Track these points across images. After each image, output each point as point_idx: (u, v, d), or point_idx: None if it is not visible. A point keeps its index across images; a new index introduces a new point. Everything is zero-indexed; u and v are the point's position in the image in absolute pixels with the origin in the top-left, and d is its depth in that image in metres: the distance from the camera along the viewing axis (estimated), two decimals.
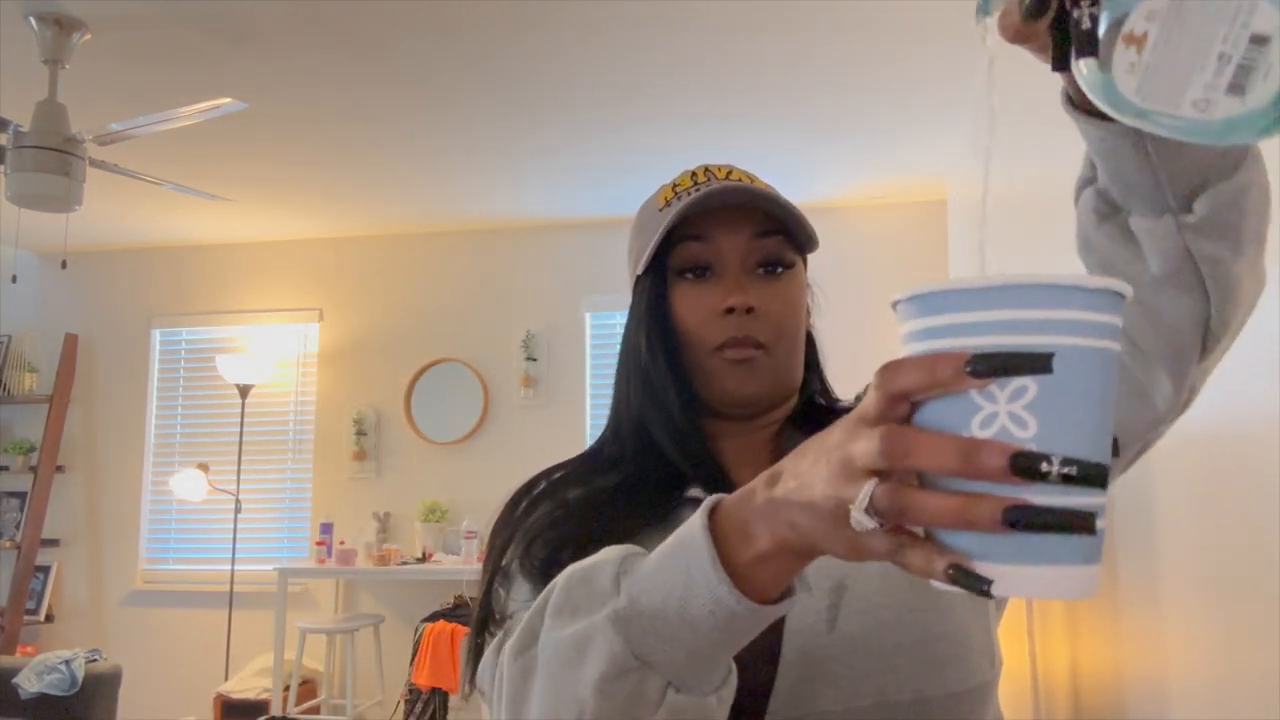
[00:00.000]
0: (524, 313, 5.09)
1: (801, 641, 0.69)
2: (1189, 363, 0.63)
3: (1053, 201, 2.13)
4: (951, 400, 0.40)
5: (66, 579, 5.28)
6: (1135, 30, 0.42)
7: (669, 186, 0.85)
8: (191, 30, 2.89)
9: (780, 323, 0.80)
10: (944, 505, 0.40)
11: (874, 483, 0.42)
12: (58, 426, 5.23)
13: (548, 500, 0.80)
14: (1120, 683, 1.85)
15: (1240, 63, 0.40)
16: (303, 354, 5.31)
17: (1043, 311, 0.39)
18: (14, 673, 3.52)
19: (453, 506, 4.95)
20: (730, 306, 0.78)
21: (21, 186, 2.83)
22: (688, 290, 0.80)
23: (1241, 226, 0.58)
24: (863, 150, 4.06)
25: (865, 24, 2.90)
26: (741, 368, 0.78)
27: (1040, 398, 0.39)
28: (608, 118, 3.66)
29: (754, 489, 0.50)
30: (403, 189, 4.54)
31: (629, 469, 0.80)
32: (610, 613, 0.53)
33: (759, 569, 0.50)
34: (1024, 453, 0.38)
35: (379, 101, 3.48)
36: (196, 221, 4.95)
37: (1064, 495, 0.39)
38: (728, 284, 0.79)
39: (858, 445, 0.43)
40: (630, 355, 0.84)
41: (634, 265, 0.86)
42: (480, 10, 2.80)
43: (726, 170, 0.84)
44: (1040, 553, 0.39)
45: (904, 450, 0.40)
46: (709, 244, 0.80)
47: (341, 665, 4.93)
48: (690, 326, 0.80)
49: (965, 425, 0.40)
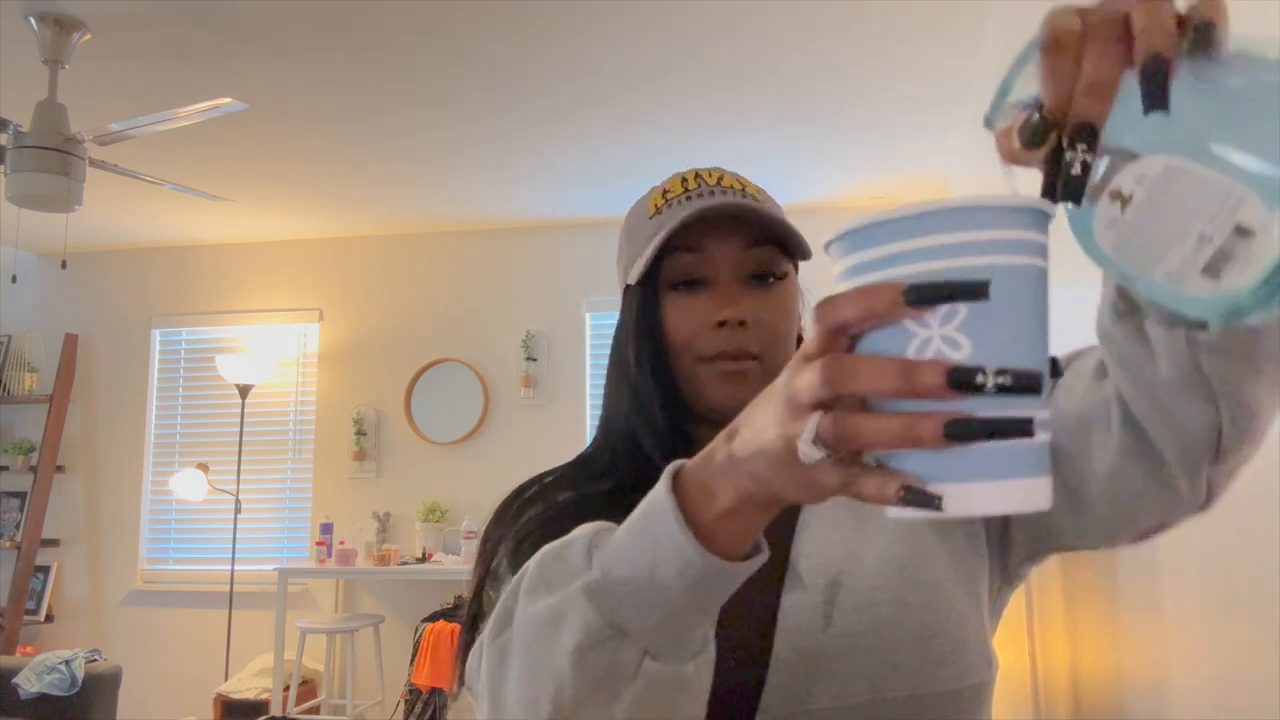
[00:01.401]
0: (524, 313, 5.09)
1: (796, 638, 0.69)
2: (1200, 465, 0.62)
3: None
4: (887, 330, 0.41)
5: (66, 579, 5.28)
6: (1123, 189, 0.42)
7: (658, 192, 0.84)
8: (191, 30, 2.89)
9: (773, 332, 0.80)
10: (888, 425, 0.40)
11: (819, 415, 0.42)
12: (58, 426, 5.23)
13: (538, 503, 0.80)
14: (1120, 683, 1.85)
15: (1220, 248, 0.40)
16: (303, 354, 5.31)
17: (968, 234, 0.40)
18: (14, 673, 3.52)
19: (453, 506, 4.95)
20: (723, 320, 0.78)
21: (21, 186, 2.83)
22: (680, 302, 0.80)
23: (1257, 347, 0.56)
24: (863, 150, 4.06)
25: (865, 24, 2.90)
26: (733, 379, 0.79)
27: (971, 319, 0.40)
28: (608, 118, 3.66)
29: (714, 448, 0.51)
30: (403, 189, 4.54)
31: (621, 476, 0.80)
32: (583, 584, 0.53)
33: (724, 525, 0.50)
34: (959, 367, 0.39)
35: (379, 101, 3.48)
36: (196, 221, 4.95)
37: (1002, 407, 0.39)
38: (720, 296, 0.79)
39: (800, 380, 0.43)
40: (619, 366, 0.83)
41: (624, 271, 0.85)
42: (479, 10, 2.80)
43: (717, 176, 0.83)
44: (988, 467, 0.40)
45: (844, 376, 0.41)
46: (701, 256, 0.80)
47: (341, 665, 4.93)
48: (682, 337, 0.80)
49: (902, 352, 0.41)
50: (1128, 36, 0.42)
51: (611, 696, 0.53)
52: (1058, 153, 0.44)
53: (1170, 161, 0.41)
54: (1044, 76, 0.43)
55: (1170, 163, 0.41)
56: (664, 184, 0.85)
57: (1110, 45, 0.42)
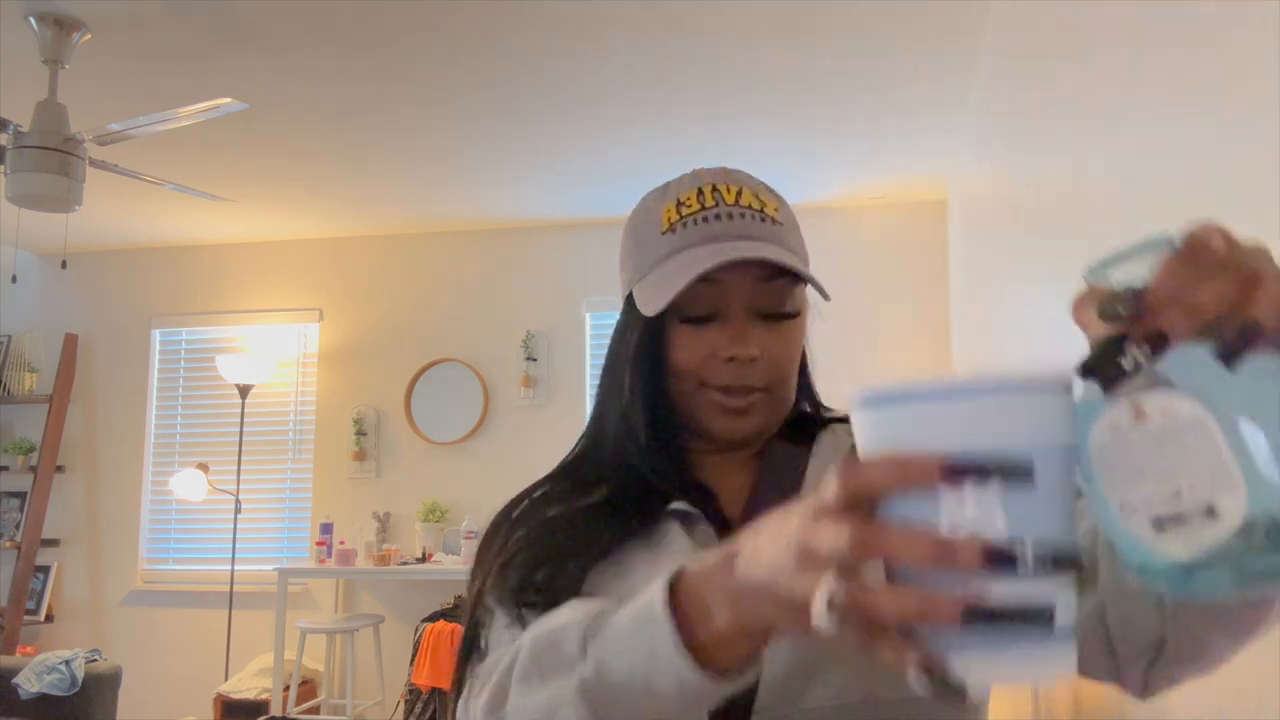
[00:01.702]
0: (524, 313, 5.09)
1: (792, 638, 0.69)
2: (1140, 662, 0.63)
3: (1051, 202, 2.13)
4: (916, 497, 0.41)
5: (66, 579, 5.28)
6: (1146, 408, 0.42)
7: (671, 205, 0.79)
8: (191, 30, 2.89)
9: (780, 367, 0.79)
10: (905, 603, 0.40)
11: (832, 581, 0.42)
12: (58, 426, 5.23)
13: (526, 522, 0.79)
14: None
15: (1180, 512, 0.41)
16: (303, 354, 5.31)
17: (1002, 411, 0.41)
18: (14, 673, 3.52)
19: (453, 506, 4.95)
20: (733, 356, 0.76)
21: (21, 186, 2.83)
22: (688, 333, 0.77)
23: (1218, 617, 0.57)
24: (863, 150, 4.06)
25: (865, 24, 2.90)
26: (734, 414, 0.78)
27: (1005, 494, 0.40)
28: (608, 118, 3.66)
29: (714, 567, 0.51)
30: (403, 189, 4.54)
31: (611, 487, 0.79)
32: (578, 682, 0.54)
33: (720, 647, 0.50)
34: (998, 545, 0.39)
35: (379, 101, 3.48)
36: (196, 221, 4.95)
37: (1035, 582, 0.40)
38: (731, 331, 0.76)
39: (821, 536, 0.42)
40: (613, 387, 0.81)
41: (627, 279, 0.82)
42: (479, 10, 2.80)
43: (735, 191, 0.79)
44: (1010, 637, 0.40)
45: (874, 545, 0.41)
46: (717, 287, 0.76)
47: (341, 665, 4.93)
48: (687, 366, 0.78)
49: (931, 520, 0.41)
50: (1250, 288, 0.41)
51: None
52: (1120, 340, 0.44)
53: (1200, 413, 0.41)
54: (1164, 272, 0.43)
55: (1200, 414, 0.41)
56: (677, 192, 0.80)
57: (1233, 285, 0.41)
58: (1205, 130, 1.16)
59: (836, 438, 0.82)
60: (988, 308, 3.36)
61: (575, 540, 0.74)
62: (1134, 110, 1.46)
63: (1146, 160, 1.41)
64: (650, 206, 0.82)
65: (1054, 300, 2.16)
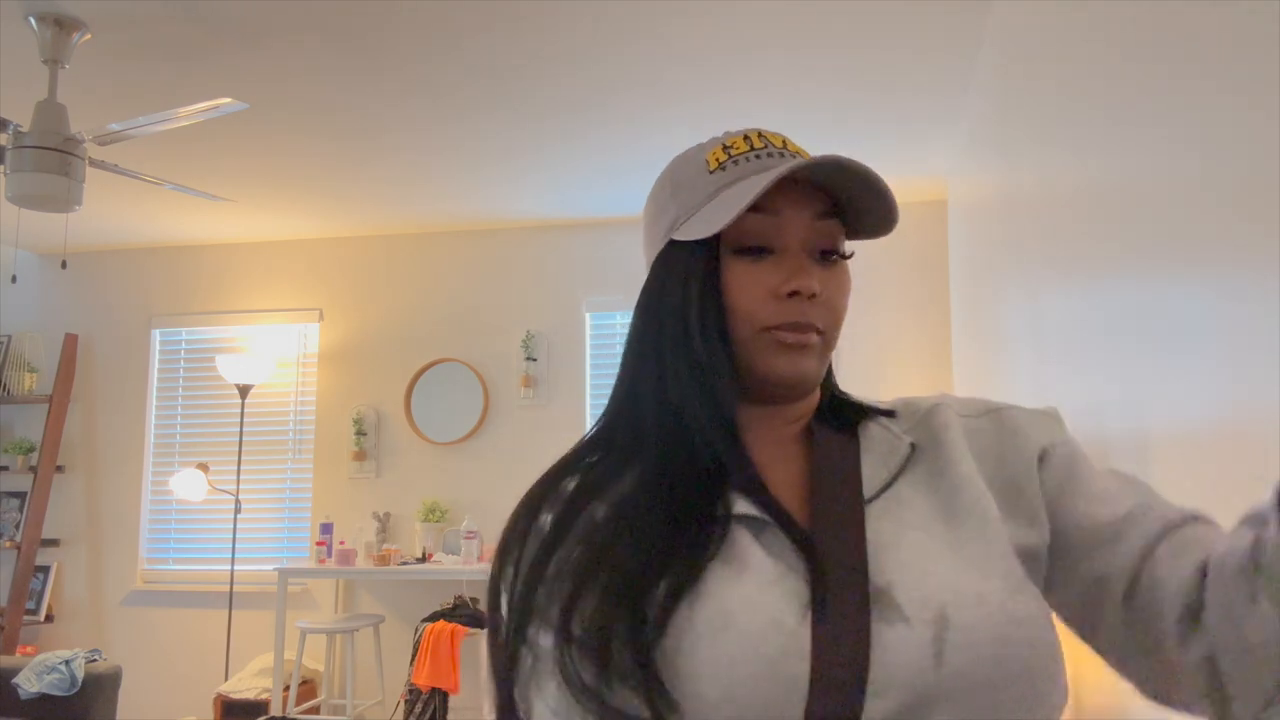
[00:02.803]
0: (524, 313, 5.09)
1: (905, 675, 0.63)
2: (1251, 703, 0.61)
3: (1052, 202, 2.13)
4: None
5: (66, 579, 5.28)
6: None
7: (719, 147, 0.78)
8: (191, 30, 2.89)
9: (837, 310, 0.76)
10: None
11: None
12: (58, 426, 5.23)
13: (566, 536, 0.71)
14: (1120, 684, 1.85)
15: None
16: (303, 354, 5.31)
17: None
18: (14, 673, 3.52)
19: (453, 506, 4.95)
20: (795, 290, 0.73)
21: (21, 186, 2.82)
22: (744, 267, 0.74)
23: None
24: (863, 150, 4.05)
25: (865, 25, 2.90)
26: (795, 350, 0.74)
27: None
28: (607, 118, 3.66)
29: None
30: (403, 189, 4.54)
31: (649, 464, 0.73)
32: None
33: None
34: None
35: (379, 101, 3.48)
36: (196, 221, 4.95)
37: None
38: (790, 265, 0.74)
39: None
40: (666, 333, 0.75)
41: (665, 228, 0.78)
42: (479, 11, 2.80)
43: (782, 140, 0.78)
44: None
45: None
46: (774, 219, 0.73)
47: (341, 665, 4.93)
48: (743, 305, 0.73)
49: None
50: None
51: None
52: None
53: None
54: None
55: None
56: (722, 139, 0.79)
57: None
58: (1205, 132, 1.16)
59: (884, 431, 0.78)
60: (987, 308, 3.36)
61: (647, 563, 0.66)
62: (1134, 110, 1.46)
63: (1146, 160, 1.41)
64: (688, 158, 0.79)
65: (1054, 300, 2.16)
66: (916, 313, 4.64)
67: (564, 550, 0.70)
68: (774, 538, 0.69)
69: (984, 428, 0.78)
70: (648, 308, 0.77)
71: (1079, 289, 1.91)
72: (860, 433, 0.78)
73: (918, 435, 0.78)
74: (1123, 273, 1.58)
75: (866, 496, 0.73)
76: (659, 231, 0.79)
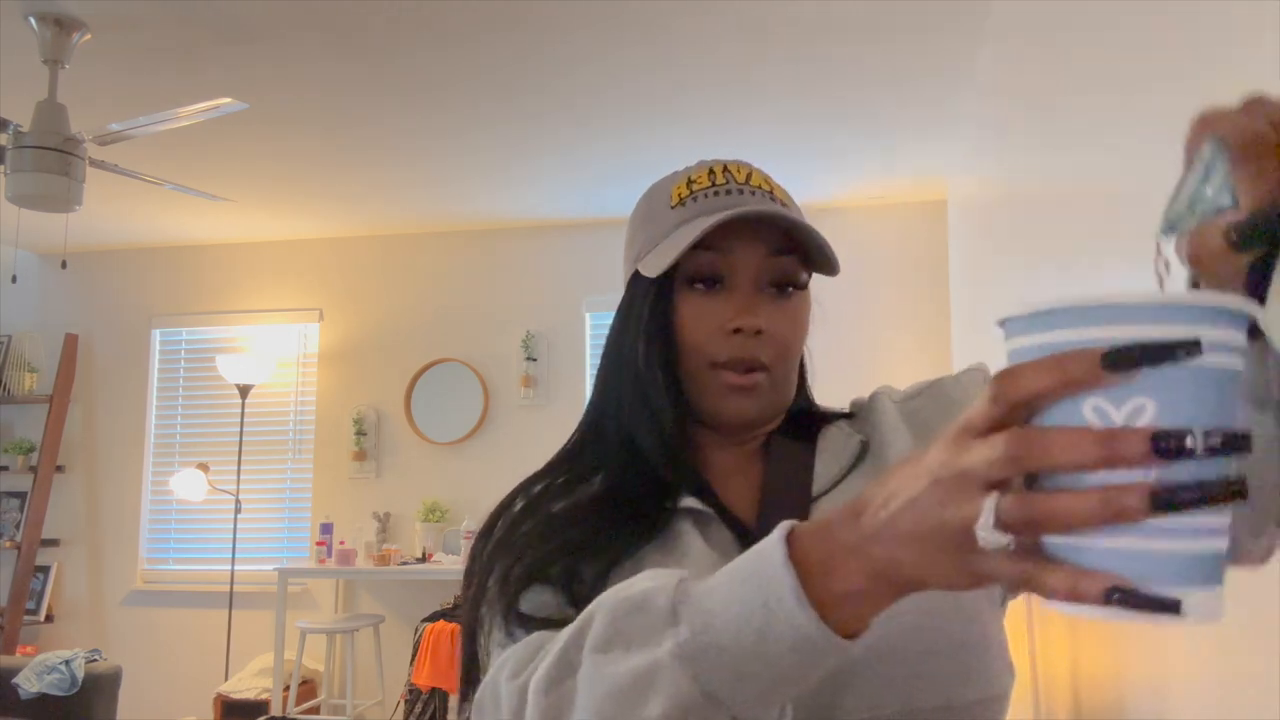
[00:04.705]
0: (524, 313, 5.09)
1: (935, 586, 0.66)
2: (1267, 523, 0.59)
3: (1052, 201, 2.13)
4: (1065, 419, 0.39)
5: (66, 579, 5.28)
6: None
7: (683, 182, 0.81)
8: (191, 30, 2.89)
9: (786, 344, 0.78)
10: (1085, 502, 0.37)
11: (995, 496, 0.39)
12: (58, 426, 5.23)
13: (531, 515, 0.76)
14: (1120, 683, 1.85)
15: None
16: (303, 354, 5.32)
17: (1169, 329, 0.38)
18: (14, 673, 3.53)
19: (453, 506, 4.95)
20: (738, 328, 0.75)
21: (21, 186, 2.83)
22: (695, 301, 0.77)
23: None
24: (863, 150, 4.06)
25: (865, 24, 2.90)
26: (741, 393, 0.76)
27: (1160, 416, 0.37)
28: (608, 118, 3.66)
29: (832, 523, 0.47)
30: (403, 189, 4.54)
31: (612, 476, 0.78)
32: (674, 646, 0.49)
33: (844, 606, 0.47)
34: (1167, 430, 0.36)
35: (379, 102, 3.48)
36: (196, 221, 4.95)
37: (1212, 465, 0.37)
38: (738, 302, 0.76)
39: (973, 456, 0.40)
40: (623, 360, 0.80)
41: (633, 258, 0.81)
42: (479, 11, 2.80)
43: (746, 173, 0.80)
44: (1164, 571, 0.38)
45: (1037, 451, 0.38)
46: (724, 256, 0.76)
47: (341, 665, 4.93)
48: (693, 339, 0.76)
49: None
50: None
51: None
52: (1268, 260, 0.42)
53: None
54: (1245, 180, 0.41)
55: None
56: (688, 172, 0.82)
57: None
58: None
59: (841, 434, 0.81)
60: (987, 308, 3.36)
61: (588, 539, 0.71)
62: (1134, 110, 1.46)
63: (1146, 160, 1.41)
64: (659, 188, 0.83)
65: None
66: (916, 312, 4.65)
67: (526, 525, 0.75)
68: (718, 533, 0.73)
69: (922, 405, 0.81)
70: (611, 336, 0.82)
71: (1079, 289, 1.92)
72: (819, 438, 0.82)
73: (866, 431, 0.81)
74: (1123, 273, 1.58)
75: (815, 493, 0.76)
76: (629, 260, 0.83)
